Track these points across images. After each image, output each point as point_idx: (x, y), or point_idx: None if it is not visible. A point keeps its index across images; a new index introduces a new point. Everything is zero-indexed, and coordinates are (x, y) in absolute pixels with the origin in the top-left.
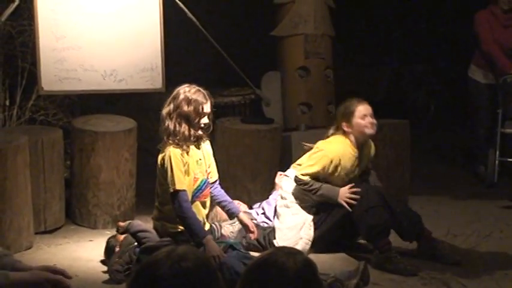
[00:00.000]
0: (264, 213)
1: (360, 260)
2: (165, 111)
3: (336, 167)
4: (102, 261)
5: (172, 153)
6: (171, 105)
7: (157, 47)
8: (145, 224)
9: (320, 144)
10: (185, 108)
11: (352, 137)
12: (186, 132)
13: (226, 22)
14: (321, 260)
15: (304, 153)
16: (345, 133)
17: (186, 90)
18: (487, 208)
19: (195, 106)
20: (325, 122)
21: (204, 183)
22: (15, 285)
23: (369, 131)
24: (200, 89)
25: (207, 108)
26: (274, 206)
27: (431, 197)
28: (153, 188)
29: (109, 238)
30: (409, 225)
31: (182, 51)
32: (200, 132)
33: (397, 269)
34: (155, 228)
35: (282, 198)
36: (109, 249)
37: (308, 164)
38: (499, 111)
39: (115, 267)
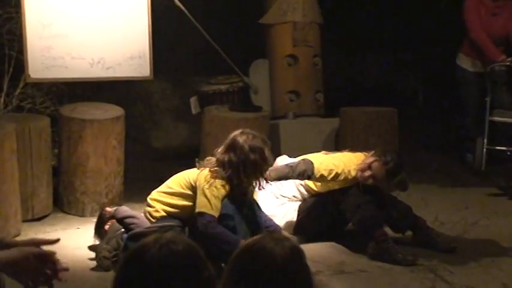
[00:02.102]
0: None
1: (352, 249)
2: (225, 158)
3: (338, 176)
4: (90, 248)
5: (222, 188)
6: (232, 155)
7: (145, 35)
8: (132, 210)
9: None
10: (252, 157)
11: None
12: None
13: (214, 10)
14: (310, 248)
15: None
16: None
17: (245, 138)
18: (474, 196)
19: (260, 154)
20: (313, 110)
21: None
22: (3, 264)
23: (359, 178)
24: (256, 134)
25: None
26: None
27: (418, 185)
28: (141, 176)
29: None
30: (400, 218)
31: (170, 39)
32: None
33: (395, 259)
34: (146, 212)
35: (276, 186)
36: (101, 221)
37: (327, 165)
38: (487, 99)
39: (103, 253)
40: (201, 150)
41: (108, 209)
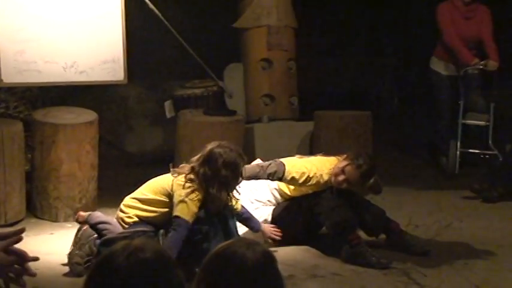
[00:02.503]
0: None
1: (326, 252)
2: (201, 171)
3: (310, 179)
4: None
5: (197, 197)
6: (207, 168)
7: (118, 38)
8: (105, 215)
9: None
10: (224, 172)
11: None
12: (223, 199)
13: (189, 14)
14: (283, 252)
15: None
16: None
17: (223, 152)
18: (448, 199)
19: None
20: (287, 114)
21: None
22: None
23: (333, 182)
24: (232, 147)
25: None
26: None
27: (393, 188)
28: (115, 180)
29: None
30: (373, 221)
31: (145, 43)
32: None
33: (370, 262)
34: (119, 217)
35: (250, 191)
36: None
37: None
38: (460, 102)
39: (75, 259)
40: (176, 154)
41: (81, 213)
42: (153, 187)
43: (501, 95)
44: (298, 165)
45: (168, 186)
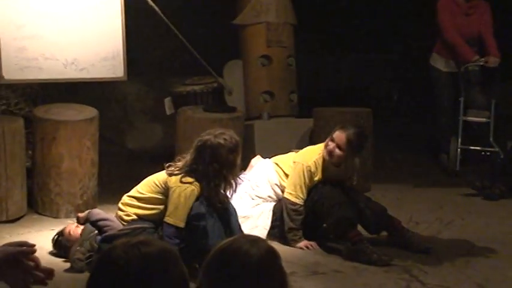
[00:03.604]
0: None
1: (327, 249)
2: (205, 169)
3: (315, 174)
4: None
5: (195, 190)
6: (215, 165)
7: (118, 35)
8: (105, 212)
9: (296, 157)
10: (231, 158)
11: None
12: (232, 182)
13: (188, 11)
14: (284, 249)
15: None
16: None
17: (222, 142)
18: (449, 196)
19: (238, 151)
20: (287, 110)
21: None
22: None
23: (325, 155)
24: (223, 130)
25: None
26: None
27: (393, 185)
28: (116, 177)
29: (58, 236)
30: (374, 218)
31: (144, 40)
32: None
33: (371, 259)
34: (118, 215)
35: (251, 187)
36: (59, 246)
37: (294, 185)
38: (460, 99)
39: (76, 255)
40: (176, 151)
41: (80, 214)
42: (149, 185)
43: (502, 92)
44: (292, 182)
45: (163, 184)
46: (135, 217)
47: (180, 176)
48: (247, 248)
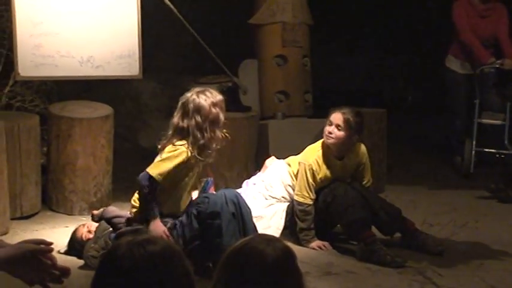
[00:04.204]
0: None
1: (340, 250)
2: (190, 124)
3: (318, 173)
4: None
5: (184, 152)
6: (198, 118)
7: (134, 33)
8: (120, 210)
9: (300, 158)
10: (214, 111)
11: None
12: (220, 136)
13: (204, 10)
14: (298, 249)
15: None
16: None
17: (203, 96)
18: (463, 198)
19: (221, 106)
20: (302, 110)
21: (208, 184)
22: (2, 262)
23: (325, 139)
24: (207, 87)
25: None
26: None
27: (407, 187)
28: (130, 174)
29: (74, 234)
30: (388, 220)
31: (160, 38)
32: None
33: (384, 261)
34: (131, 212)
35: (265, 187)
36: (72, 242)
37: (300, 185)
38: (475, 101)
39: (90, 252)
40: None
41: (95, 211)
42: None
43: None
44: (299, 189)
45: None
46: None
47: (174, 141)
48: (263, 248)
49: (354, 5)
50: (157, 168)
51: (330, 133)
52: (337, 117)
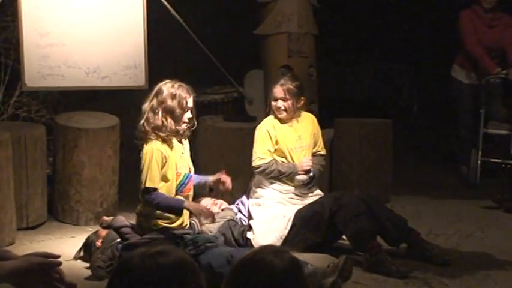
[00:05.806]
0: (240, 211)
1: None
2: (147, 106)
3: (275, 136)
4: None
5: (154, 149)
6: (155, 100)
7: (140, 44)
8: (128, 220)
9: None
10: (170, 102)
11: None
12: (173, 127)
13: (210, 20)
14: (303, 258)
15: None
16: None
17: (169, 86)
18: (468, 208)
19: (179, 100)
20: None
21: (187, 178)
22: (9, 274)
23: (277, 114)
24: (182, 84)
25: (190, 102)
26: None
27: (413, 197)
28: (136, 185)
29: (90, 235)
30: (394, 230)
31: (165, 48)
32: (184, 126)
33: (390, 271)
34: (138, 223)
35: (252, 197)
36: (88, 245)
37: (254, 149)
38: (481, 111)
39: (97, 263)
40: (195, 160)
41: (105, 218)
42: None
43: None
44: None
45: None
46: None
47: (146, 142)
48: (270, 259)
49: (360, 14)
50: (149, 178)
51: (279, 107)
52: (278, 91)
